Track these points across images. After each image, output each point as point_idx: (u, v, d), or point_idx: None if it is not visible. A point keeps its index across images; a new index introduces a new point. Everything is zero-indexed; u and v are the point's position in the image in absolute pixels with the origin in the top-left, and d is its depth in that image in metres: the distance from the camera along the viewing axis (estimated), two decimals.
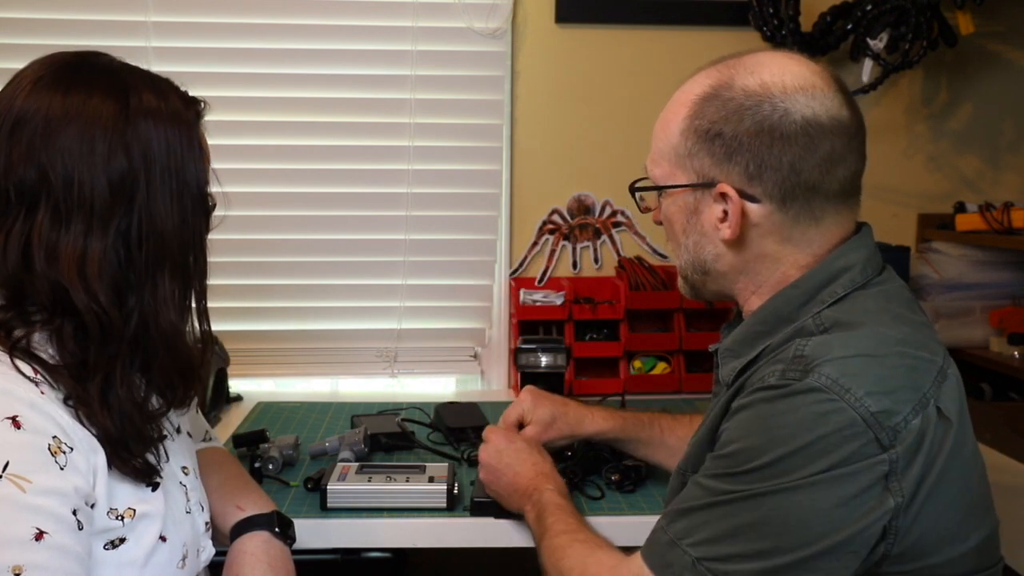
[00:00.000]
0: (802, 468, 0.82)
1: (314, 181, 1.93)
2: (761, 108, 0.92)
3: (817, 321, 0.92)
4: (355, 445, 1.47)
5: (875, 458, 0.82)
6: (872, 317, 0.91)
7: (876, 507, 0.82)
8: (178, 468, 1.01)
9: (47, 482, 0.80)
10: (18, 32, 1.83)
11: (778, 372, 0.88)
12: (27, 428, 0.80)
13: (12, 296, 0.87)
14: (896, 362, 0.87)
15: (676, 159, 0.98)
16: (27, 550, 0.77)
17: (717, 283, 1.02)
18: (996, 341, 1.84)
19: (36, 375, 0.84)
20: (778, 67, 0.94)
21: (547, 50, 1.96)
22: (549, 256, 2.01)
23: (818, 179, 0.93)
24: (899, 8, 1.78)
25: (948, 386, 0.89)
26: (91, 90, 0.88)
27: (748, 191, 0.94)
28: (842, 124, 0.93)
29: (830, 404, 0.83)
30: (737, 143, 0.93)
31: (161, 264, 0.89)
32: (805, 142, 0.92)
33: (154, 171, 0.88)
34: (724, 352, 1.02)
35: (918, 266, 1.95)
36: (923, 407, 0.85)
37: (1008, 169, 2.06)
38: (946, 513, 0.86)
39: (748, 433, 0.87)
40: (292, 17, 1.89)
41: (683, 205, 1.00)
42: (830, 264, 0.95)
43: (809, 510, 0.82)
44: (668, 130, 0.99)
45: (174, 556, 0.94)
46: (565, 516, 1.10)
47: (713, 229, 0.97)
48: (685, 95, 0.99)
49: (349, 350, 2.01)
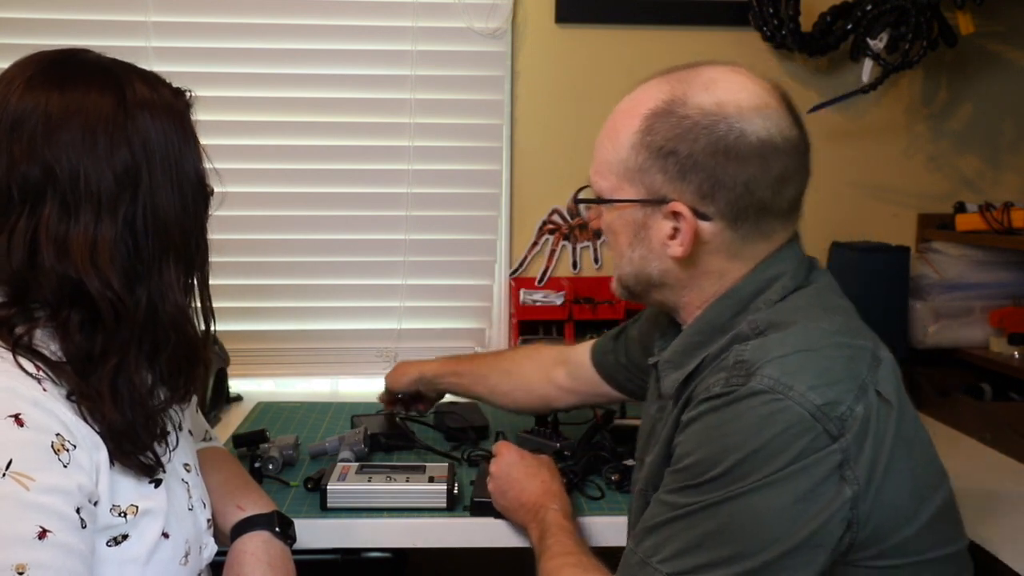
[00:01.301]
0: (758, 471, 0.83)
1: (314, 181, 1.94)
2: (717, 128, 0.92)
3: (752, 325, 0.93)
4: (355, 445, 1.47)
5: (827, 450, 0.83)
6: (803, 314, 0.93)
7: (835, 498, 0.83)
8: (180, 465, 1.01)
9: (50, 480, 0.80)
10: (18, 32, 1.83)
11: (722, 380, 0.89)
12: (30, 426, 0.80)
13: (14, 293, 0.87)
14: (833, 353, 0.88)
15: (625, 172, 0.98)
16: (31, 548, 0.77)
17: (661, 295, 1.03)
18: (996, 341, 1.84)
19: (39, 372, 0.84)
20: (733, 85, 0.95)
21: (547, 50, 1.96)
22: (549, 256, 2.01)
23: (770, 198, 0.94)
24: (899, 8, 1.78)
25: (884, 369, 0.90)
26: (88, 85, 0.88)
27: (701, 209, 0.94)
28: (794, 143, 0.95)
29: (776, 404, 0.84)
30: (692, 162, 0.93)
31: (166, 251, 0.91)
32: (760, 162, 0.92)
33: (155, 161, 0.90)
34: (664, 364, 1.03)
35: (918, 266, 1.95)
36: (864, 393, 0.86)
37: (1008, 169, 2.06)
38: (898, 494, 0.87)
39: (701, 444, 0.88)
40: (292, 17, 1.89)
41: (630, 219, 0.99)
42: (761, 273, 0.97)
43: (770, 511, 0.83)
44: (617, 142, 0.98)
45: (176, 553, 0.94)
46: (565, 538, 1.10)
47: (661, 245, 0.97)
48: (635, 106, 0.98)
49: (349, 350, 2.01)
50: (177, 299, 0.92)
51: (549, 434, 1.53)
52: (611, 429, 1.54)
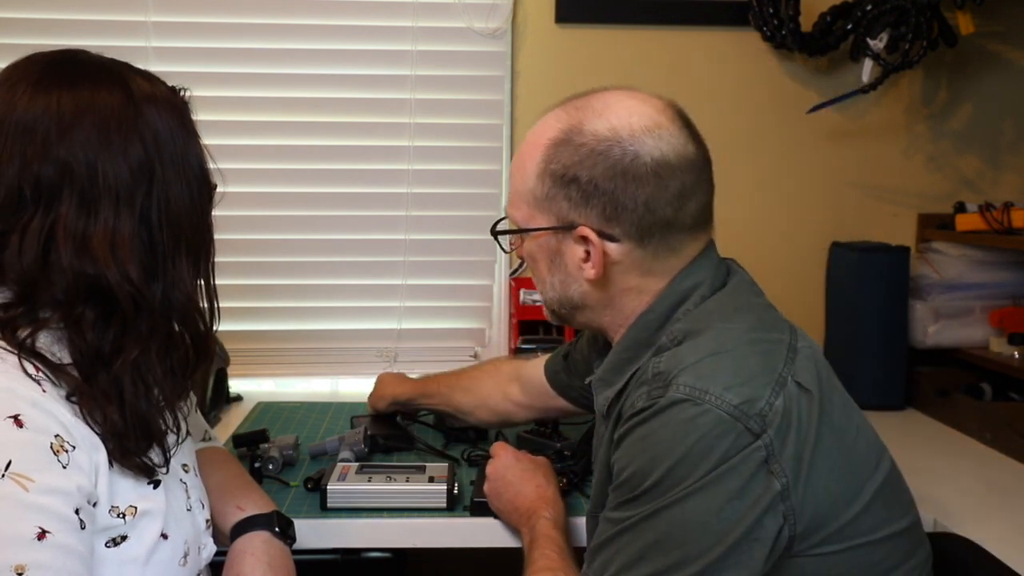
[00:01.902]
0: (687, 477, 0.85)
1: (314, 181, 1.94)
2: (612, 152, 0.95)
3: (670, 336, 0.96)
4: (355, 445, 1.47)
5: (750, 447, 0.85)
6: (715, 317, 0.95)
7: (764, 493, 0.85)
8: (178, 466, 1.01)
9: (50, 481, 0.80)
10: (18, 32, 1.83)
11: (644, 394, 0.92)
12: (29, 427, 0.81)
13: (22, 293, 0.87)
14: (746, 350, 0.91)
15: (534, 201, 1.01)
16: (30, 549, 0.77)
17: (585, 316, 1.05)
18: (996, 341, 1.84)
19: (38, 373, 0.84)
20: (624, 109, 0.98)
21: (547, 50, 1.97)
22: None
23: (672, 215, 0.97)
24: (899, 8, 1.78)
25: (801, 359, 0.93)
26: (95, 83, 0.89)
27: (607, 231, 0.97)
28: (689, 160, 0.98)
29: (694, 409, 0.86)
30: (592, 187, 0.96)
31: (178, 244, 0.92)
32: (656, 182, 0.95)
33: (165, 155, 0.91)
34: (597, 383, 1.06)
35: (918, 266, 1.95)
36: (782, 386, 0.88)
37: (1008, 169, 2.06)
38: (831, 478, 0.89)
39: (633, 458, 0.90)
40: (292, 17, 1.89)
41: (545, 246, 1.02)
42: (679, 285, 0.99)
43: (704, 513, 0.85)
44: (524, 173, 1.02)
45: (176, 554, 0.94)
46: (551, 551, 1.11)
47: (577, 269, 1.00)
48: (538, 137, 1.01)
49: (349, 350, 2.01)
50: (188, 291, 0.94)
51: (549, 434, 1.53)
52: None
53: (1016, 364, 1.76)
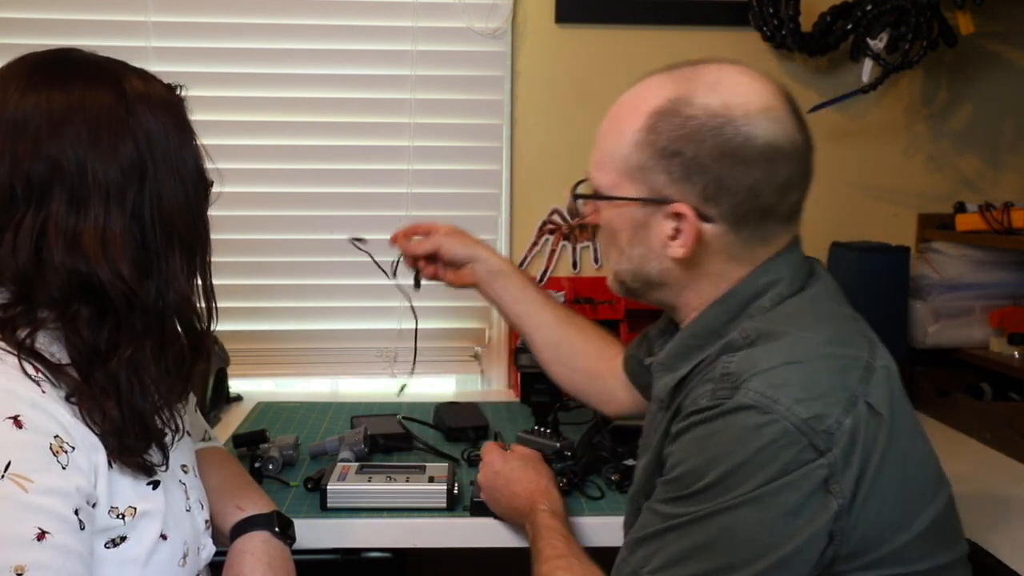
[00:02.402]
0: (744, 484, 0.83)
1: (314, 181, 1.93)
2: (724, 130, 0.90)
3: (743, 334, 0.92)
4: (355, 445, 1.47)
5: (813, 463, 0.82)
6: (794, 323, 0.91)
7: (820, 512, 0.83)
8: (178, 466, 1.01)
9: (49, 482, 0.80)
10: (18, 32, 1.83)
11: (709, 393, 0.89)
12: (29, 427, 0.80)
13: (19, 292, 0.87)
14: (821, 365, 0.87)
15: (626, 170, 0.96)
16: (29, 550, 0.77)
17: (658, 294, 1.01)
18: (996, 341, 1.84)
19: (38, 374, 0.84)
20: (740, 86, 0.93)
21: (547, 50, 1.96)
22: (549, 256, 2.01)
23: (773, 204, 0.93)
24: (899, 8, 1.78)
25: (876, 379, 0.89)
26: (87, 82, 0.89)
27: (703, 211, 0.93)
28: (799, 149, 0.94)
29: (761, 418, 0.83)
30: (696, 164, 0.91)
31: (172, 242, 0.92)
32: (766, 167, 0.91)
33: (158, 154, 0.91)
34: (658, 366, 1.02)
35: (918, 266, 1.95)
36: (853, 406, 0.85)
37: (1008, 169, 2.06)
38: (886, 506, 0.86)
39: (689, 456, 0.88)
40: (292, 17, 1.89)
41: (630, 217, 0.97)
42: (757, 279, 0.95)
43: (757, 524, 0.83)
44: (620, 139, 0.96)
45: (175, 554, 0.94)
46: (555, 540, 1.10)
47: (662, 245, 0.96)
48: (639, 103, 0.96)
49: (349, 350, 2.01)
50: (183, 289, 0.94)
51: (549, 434, 1.53)
52: (611, 429, 1.54)
53: (1016, 364, 1.76)
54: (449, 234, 1.43)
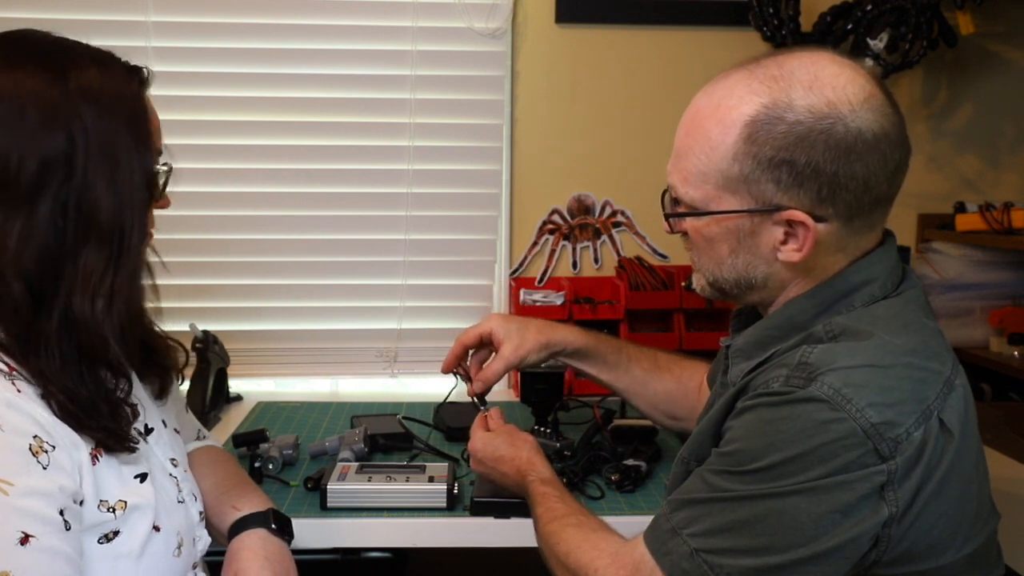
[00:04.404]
0: (800, 473, 0.83)
1: (314, 181, 1.93)
2: (834, 130, 0.87)
3: (827, 328, 0.91)
4: (355, 445, 1.47)
5: (873, 468, 0.82)
6: (882, 325, 0.89)
7: (870, 516, 0.83)
8: (166, 460, 1.01)
9: (30, 483, 0.79)
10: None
11: (782, 378, 0.88)
12: (6, 428, 0.80)
13: None
14: (902, 373, 0.86)
15: (724, 183, 0.92)
16: (13, 554, 0.77)
17: (760, 295, 0.99)
18: (996, 341, 1.84)
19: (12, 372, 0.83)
20: (836, 78, 0.89)
21: (547, 50, 1.96)
22: (549, 256, 2.01)
23: (886, 190, 0.92)
24: (899, 8, 1.78)
25: (954, 398, 0.88)
26: (32, 68, 0.87)
27: (817, 213, 0.90)
28: (900, 130, 0.92)
29: (831, 414, 0.83)
30: (810, 170, 0.88)
31: (88, 245, 0.87)
32: (878, 157, 0.89)
33: (91, 153, 0.86)
34: (735, 353, 1.00)
35: (918, 266, 1.95)
36: (926, 419, 0.84)
37: (1008, 169, 2.06)
38: (939, 524, 0.86)
39: (750, 435, 0.88)
40: (292, 17, 1.89)
41: (733, 228, 0.94)
42: (851, 277, 0.93)
43: (805, 514, 0.83)
44: (712, 152, 0.91)
45: (169, 545, 0.94)
46: (551, 503, 1.11)
47: (771, 251, 0.93)
48: (728, 112, 0.91)
49: (349, 350, 2.01)
50: (94, 289, 0.87)
51: (549, 434, 1.52)
52: (611, 429, 1.54)
53: (1016, 364, 1.76)
54: (513, 344, 1.33)
